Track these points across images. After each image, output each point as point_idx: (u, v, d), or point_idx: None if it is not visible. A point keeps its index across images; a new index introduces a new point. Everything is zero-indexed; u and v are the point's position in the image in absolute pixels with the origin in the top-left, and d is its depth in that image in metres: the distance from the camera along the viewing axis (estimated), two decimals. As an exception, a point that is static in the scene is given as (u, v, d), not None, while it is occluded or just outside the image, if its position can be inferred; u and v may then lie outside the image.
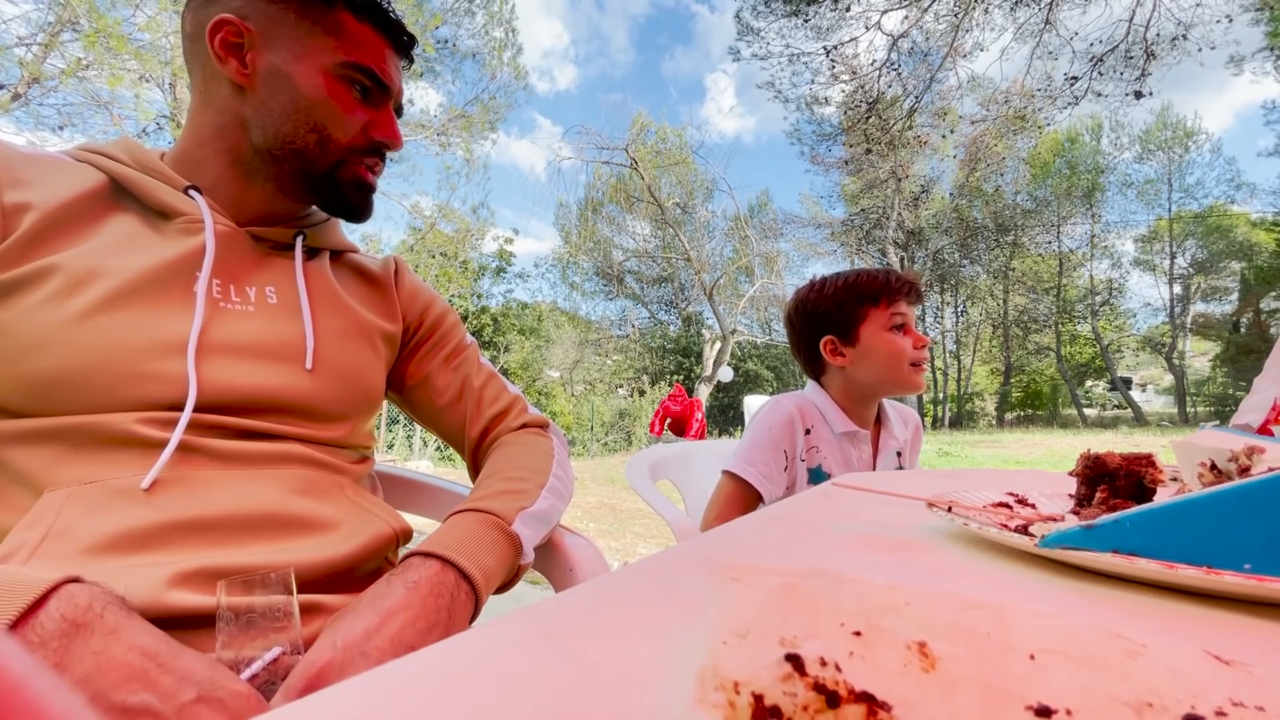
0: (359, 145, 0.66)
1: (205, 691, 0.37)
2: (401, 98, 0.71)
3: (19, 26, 6.97)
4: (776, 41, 11.32)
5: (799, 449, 1.17)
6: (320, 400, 0.63)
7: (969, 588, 0.32)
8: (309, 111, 0.63)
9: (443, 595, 0.50)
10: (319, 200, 0.69)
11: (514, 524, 0.61)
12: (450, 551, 0.53)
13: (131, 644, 0.37)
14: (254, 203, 0.66)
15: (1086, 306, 23.59)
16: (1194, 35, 8.72)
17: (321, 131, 0.64)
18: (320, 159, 0.65)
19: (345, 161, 0.66)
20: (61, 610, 0.37)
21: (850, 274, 1.21)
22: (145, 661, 0.37)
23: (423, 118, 10.88)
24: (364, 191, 0.69)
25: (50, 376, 0.51)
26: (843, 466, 1.19)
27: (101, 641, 0.37)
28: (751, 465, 1.12)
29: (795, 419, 1.17)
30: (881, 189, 19.97)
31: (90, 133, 7.73)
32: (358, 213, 0.70)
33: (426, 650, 0.22)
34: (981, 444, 12.93)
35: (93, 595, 0.39)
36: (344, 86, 0.64)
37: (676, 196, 20.33)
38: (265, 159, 0.64)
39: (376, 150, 0.69)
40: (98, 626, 0.37)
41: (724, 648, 0.19)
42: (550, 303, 21.45)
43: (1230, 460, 0.42)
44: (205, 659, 0.40)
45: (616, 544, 4.01)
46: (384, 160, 0.71)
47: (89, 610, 0.38)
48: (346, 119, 0.65)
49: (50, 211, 0.55)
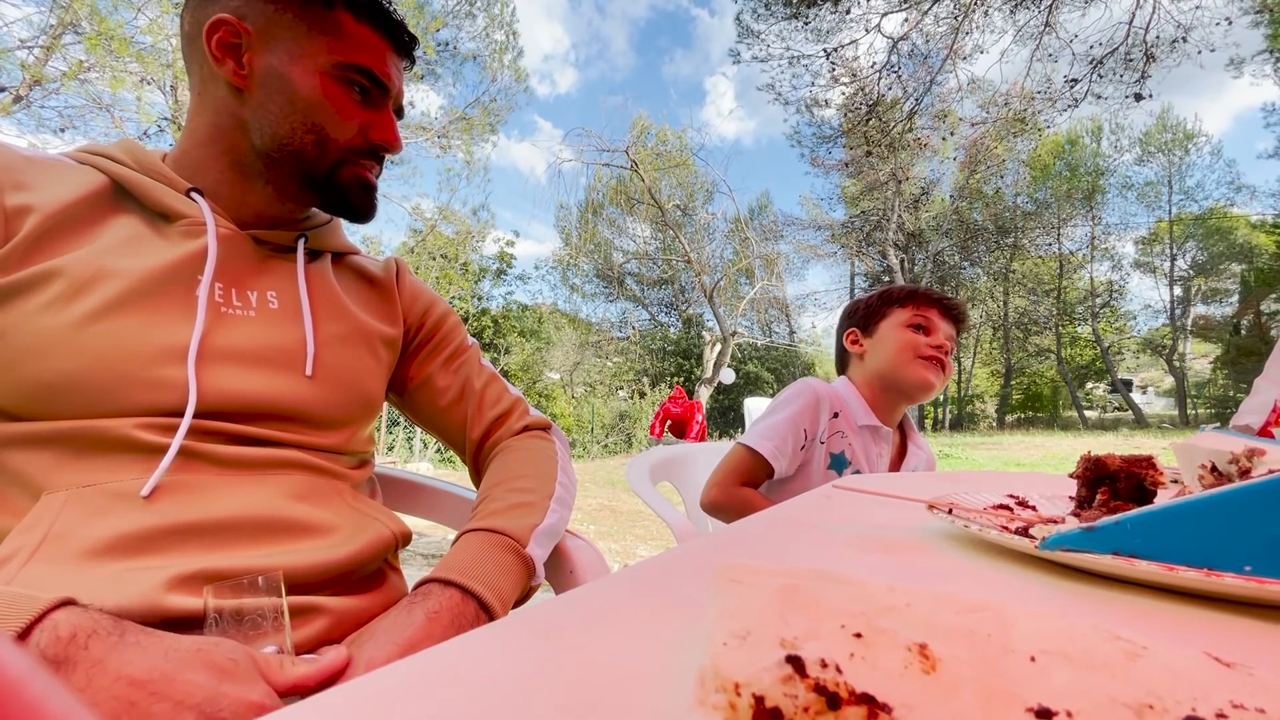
0: (357, 146, 0.66)
1: (206, 715, 0.35)
2: (402, 99, 0.71)
3: (21, 29, 6.99)
4: (777, 44, 11.33)
5: (821, 430, 1.19)
6: (320, 407, 0.63)
7: (970, 589, 0.32)
8: (306, 113, 0.62)
9: (464, 626, 0.51)
10: (321, 202, 0.68)
11: (528, 545, 0.61)
12: (468, 579, 0.54)
13: (119, 675, 0.35)
14: (255, 205, 0.66)
15: (1087, 308, 23.58)
16: (1193, 38, 8.73)
17: (319, 133, 0.63)
18: (318, 161, 0.64)
19: (344, 162, 0.66)
20: (42, 645, 0.35)
21: (888, 287, 1.30)
22: (135, 692, 0.35)
23: (423, 120, 10.90)
24: (367, 191, 0.69)
25: (51, 381, 0.51)
26: (864, 458, 1.21)
27: (84, 677, 0.35)
28: (768, 440, 1.15)
29: (823, 400, 1.20)
30: (881, 191, 19.99)
31: (92, 135, 7.75)
32: (362, 213, 0.70)
33: (429, 652, 0.22)
34: (982, 446, 12.93)
35: (77, 624, 0.37)
36: (342, 88, 0.64)
37: (677, 198, 20.36)
38: (265, 161, 0.64)
39: (374, 152, 0.68)
40: (80, 660, 0.35)
41: (724, 649, 0.19)
42: (550, 305, 21.44)
43: (1230, 462, 0.42)
44: (212, 671, 0.38)
45: (617, 546, 4.00)
46: (381, 163, 0.71)
47: (72, 643, 0.36)
48: (344, 120, 0.64)
49: (52, 214, 0.55)
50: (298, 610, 0.52)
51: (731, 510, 1.14)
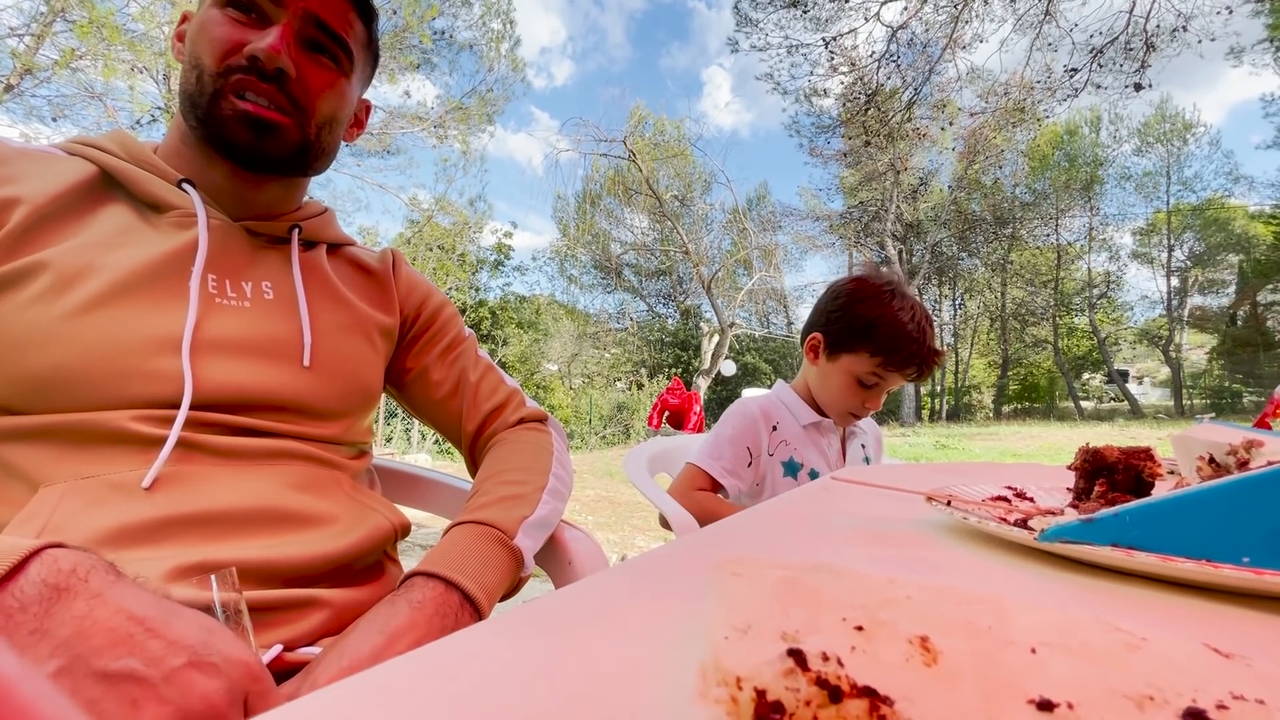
0: (229, 67, 0.58)
1: (198, 656, 0.35)
2: (324, 13, 0.62)
3: (11, 17, 6.91)
4: (775, 33, 11.27)
5: (764, 445, 1.21)
6: (318, 398, 0.63)
7: (969, 582, 0.32)
8: (191, 49, 0.60)
9: (448, 616, 0.51)
10: (214, 147, 0.61)
11: (516, 537, 0.61)
12: (453, 572, 0.53)
13: (118, 608, 0.35)
14: (223, 185, 0.64)
15: (1084, 299, 23.62)
16: (1194, 26, 8.69)
17: (198, 65, 0.59)
18: (199, 94, 0.59)
19: (220, 93, 0.59)
20: (43, 574, 0.36)
21: (885, 310, 1.14)
22: (132, 626, 0.35)
23: (419, 109, 10.82)
24: (243, 121, 0.59)
25: (44, 374, 0.51)
26: (815, 455, 1.23)
27: (84, 605, 0.35)
28: (716, 460, 1.18)
29: (758, 418, 1.22)
30: (880, 181, 19.93)
31: (84, 124, 7.67)
32: (249, 152, 0.61)
33: (428, 647, 0.22)
34: (979, 437, 12.98)
35: (77, 560, 0.37)
36: (222, 13, 0.60)
37: (674, 189, 20.29)
38: (187, 125, 0.62)
39: (255, 70, 0.58)
40: (81, 590, 0.36)
41: (725, 643, 0.19)
42: (548, 296, 21.41)
43: (1229, 454, 0.43)
44: (205, 623, 0.38)
45: (615, 537, 4.02)
46: (272, 82, 0.59)
47: (72, 574, 0.36)
48: (217, 42, 0.58)
49: (40, 205, 0.54)
50: (297, 603, 0.52)
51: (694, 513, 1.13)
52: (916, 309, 1.16)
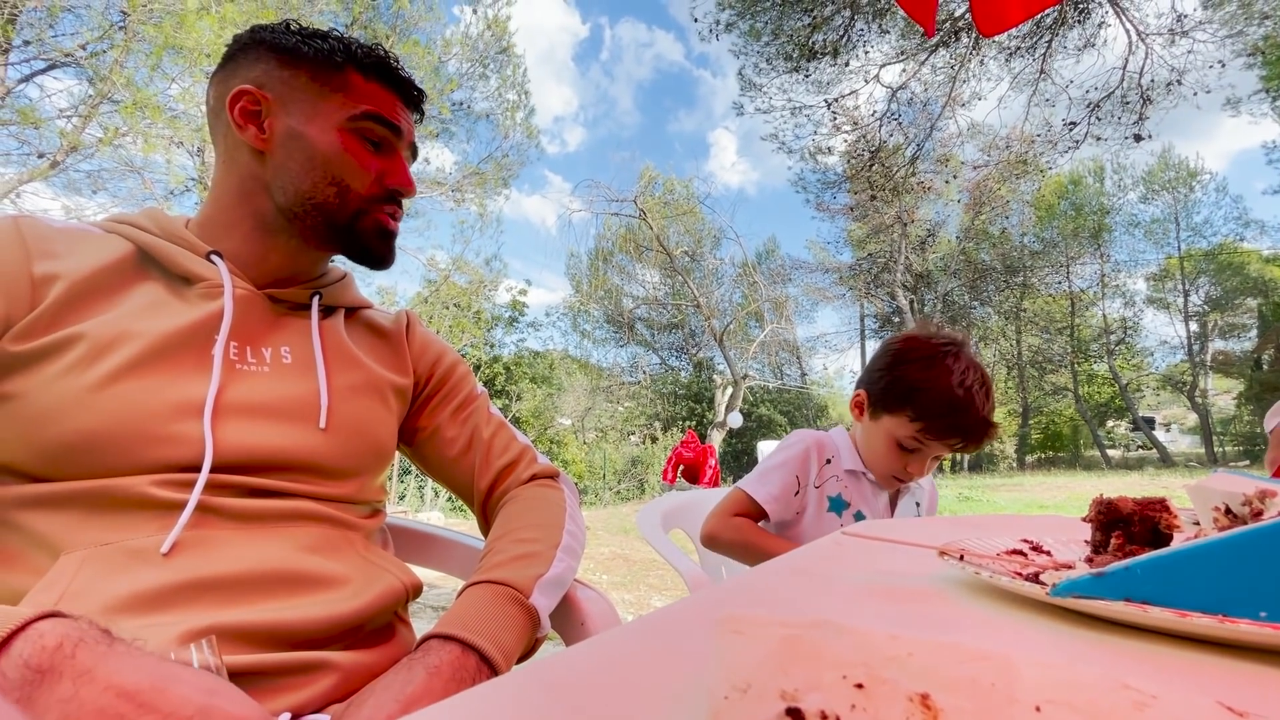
0: (376, 194, 0.69)
1: None
2: (413, 137, 0.74)
3: (61, 100, 7.40)
4: (779, 96, 11.71)
5: (812, 476, 1.21)
6: (333, 457, 0.64)
7: (979, 638, 0.31)
8: (325, 166, 0.65)
9: (465, 680, 0.50)
10: (344, 250, 0.71)
11: (531, 595, 0.61)
12: (469, 633, 0.53)
13: (107, 684, 0.34)
14: (276, 261, 0.68)
15: (1102, 345, 23.33)
16: (1188, 80, 8.92)
17: (340, 184, 0.66)
18: (340, 210, 0.67)
19: (365, 211, 0.68)
20: (26, 655, 0.34)
21: (932, 374, 1.08)
22: (123, 704, 0.34)
23: (438, 175, 11.27)
24: (386, 238, 0.71)
25: (69, 441, 0.52)
26: (861, 500, 1.21)
27: (70, 687, 0.34)
28: (763, 486, 1.18)
29: (812, 449, 1.23)
30: (888, 233, 20.18)
31: (121, 196, 8.07)
32: (381, 260, 0.72)
33: (436, 707, 0.22)
34: (1003, 488, 12.60)
35: (64, 633, 0.36)
36: (357, 140, 0.67)
37: (685, 245, 20.66)
38: (288, 217, 0.66)
39: (393, 197, 0.71)
40: (67, 669, 0.34)
41: (725, 703, 0.19)
42: (562, 351, 21.55)
43: (1243, 504, 0.42)
44: (207, 684, 0.37)
45: (630, 596, 3.91)
46: (401, 206, 0.74)
47: (58, 651, 0.35)
48: (362, 170, 0.67)
49: (78, 281, 0.57)
50: (306, 666, 0.52)
51: (729, 538, 1.15)
52: (970, 374, 1.07)
